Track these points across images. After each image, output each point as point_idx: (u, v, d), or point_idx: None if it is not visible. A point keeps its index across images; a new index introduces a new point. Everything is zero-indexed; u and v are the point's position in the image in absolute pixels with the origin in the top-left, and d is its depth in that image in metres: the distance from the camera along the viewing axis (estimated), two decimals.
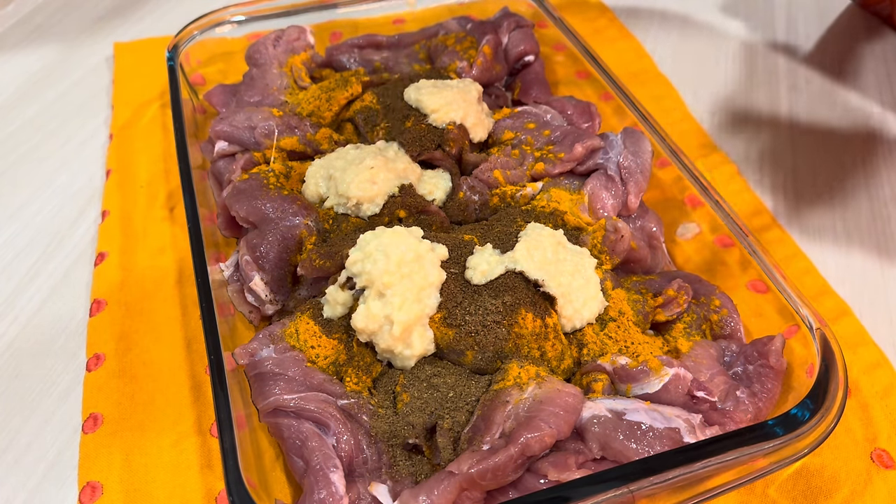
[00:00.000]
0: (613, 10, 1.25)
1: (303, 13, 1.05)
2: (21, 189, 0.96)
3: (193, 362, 0.74)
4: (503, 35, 1.01)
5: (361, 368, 0.66)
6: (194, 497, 0.64)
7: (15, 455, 0.69)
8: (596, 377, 0.64)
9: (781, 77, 1.11)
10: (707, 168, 0.95)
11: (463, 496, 0.55)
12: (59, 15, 1.30)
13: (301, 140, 0.85)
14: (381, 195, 0.76)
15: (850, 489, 0.64)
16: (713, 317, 0.70)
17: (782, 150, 0.99)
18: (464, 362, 0.65)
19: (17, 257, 0.87)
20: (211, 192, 0.86)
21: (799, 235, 0.87)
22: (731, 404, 0.62)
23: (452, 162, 0.84)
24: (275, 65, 0.95)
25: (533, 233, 0.71)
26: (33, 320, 0.80)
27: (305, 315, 0.68)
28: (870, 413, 0.69)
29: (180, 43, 0.98)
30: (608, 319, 0.69)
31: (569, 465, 0.55)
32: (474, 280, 0.67)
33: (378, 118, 0.88)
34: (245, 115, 0.87)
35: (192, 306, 0.79)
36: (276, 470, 0.64)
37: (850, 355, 0.73)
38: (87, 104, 1.09)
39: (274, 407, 0.61)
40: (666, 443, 0.56)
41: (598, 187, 0.78)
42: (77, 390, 0.73)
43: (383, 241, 0.66)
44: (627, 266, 0.77)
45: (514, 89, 1.01)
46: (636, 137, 0.81)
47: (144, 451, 0.67)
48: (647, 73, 1.12)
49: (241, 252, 0.75)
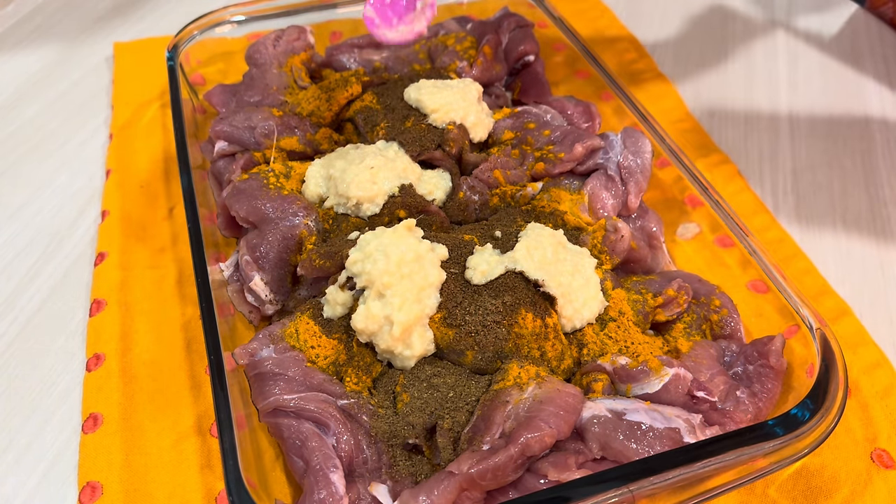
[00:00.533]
0: (613, 10, 1.25)
1: (303, 13, 1.05)
2: (21, 189, 0.96)
3: (193, 362, 0.74)
4: (503, 35, 1.00)
5: (361, 368, 0.66)
6: (194, 497, 0.64)
7: (15, 455, 0.69)
8: (596, 377, 0.64)
9: (781, 77, 1.11)
10: (707, 168, 0.95)
11: (463, 496, 0.55)
12: (59, 15, 1.30)
13: (301, 140, 0.85)
14: (381, 195, 0.76)
15: (850, 489, 0.64)
16: (713, 317, 0.70)
17: (782, 150, 0.99)
18: (464, 362, 0.65)
19: (17, 257, 0.87)
20: (211, 192, 0.86)
21: (799, 235, 0.87)
22: (732, 404, 0.62)
23: (452, 162, 0.84)
24: (275, 65, 0.95)
25: (533, 233, 0.71)
26: (33, 320, 0.80)
27: (305, 315, 0.68)
28: (870, 413, 0.69)
29: (180, 43, 0.98)
30: (608, 319, 0.69)
31: (569, 465, 0.55)
32: (474, 280, 0.67)
33: (378, 118, 0.88)
34: (245, 115, 0.87)
35: (192, 306, 0.79)
36: (276, 470, 0.64)
37: (850, 355, 0.73)
38: (87, 104, 1.09)
39: (274, 407, 0.61)
40: (666, 443, 0.56)
41: (598, 187, 0.78)
42: (77, 390, 0.73)
43: (383, 242, 0.66)
44: (627, 266, 0.77)
45: (514, 89, 1.01)
46: (636, 137, 0.81)
47: (144, 451, 0.67)
48: (647, 73, 1.12)
49: (241, 252, 0.75)
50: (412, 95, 0.87)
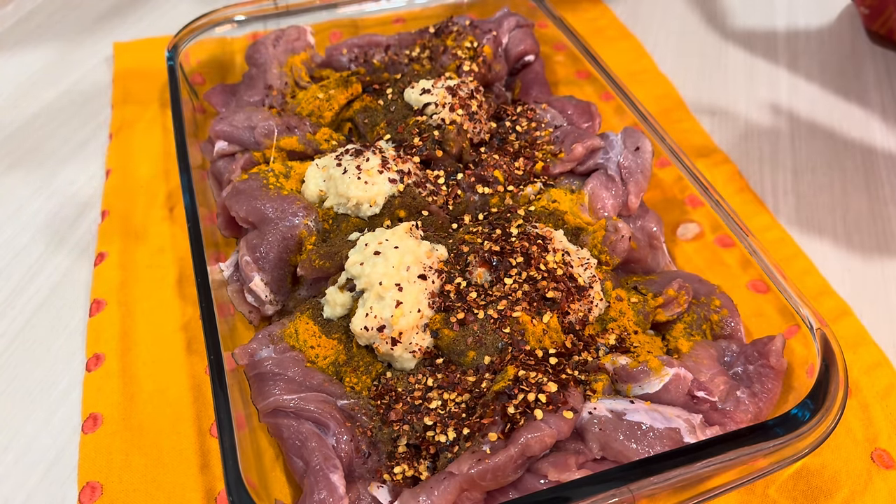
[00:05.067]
0: (613, 10, 1.25)
1: (303, 13, 1.05)
2: (21, 189, 0.96)
3: (193, 362, 0.74)
4: (503, 35, 1.00)
5: (361, 369, 0.66)
6: (194, 497, 0.64)
7: (15, 455, 0.68)
8: (596, 377, 0.64)
9: (781, 77, 1.11)
10: (707, 168, 0.95)
11: (463, 496, 0.55)
12: (59, 15, 1.30)
13: (301, 140, 0.85)
14: (381, 195, 0.76)
15: (851, 489, 0.64)
16: (713, 317, 0.70)
17: (782, 150, 0.99)
18: (464, 362, 0.65)
19: (17, 257, 0.87)
20: (211, 192, 0.86)
21: (799, 235, 0.87)
22: (732, 404, 0.62)
23: (452, 162, 0.84)
24: (275, 65, 0.95)
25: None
26: (33, 320, 0.80)
27: (305, 315, 0.68)
28: (870, 413, 0.69)
29: (180, 43, 0.98)
30: (608, 319, 0.69)
31: (569, 465, 0.55)
32: (474, 280, 0.67)
33: (378, 118, 0.88)
34: (245, 115, 0.87)
35: (192, 306, 0.79)
36: (276, 470, 0.64)
37: (851, 355, 0.73)
38: (87, 104, 1.09)
39: (274, 407, 0.61)
40: (666, 443, 0.56)
41: (598, 187, 0.78)
42: (77, 390, 0.73)
43: (383, 243, 0.66)
44: (627, 266, 0.77)
45: (514, 89, 1.01)
46: (636, 137, 0.81)
47: (144, 452, 0.67)
48: (647, 73, 1.12)
49: (240, 252, 0.75)
50: (412, 95, 0.87)
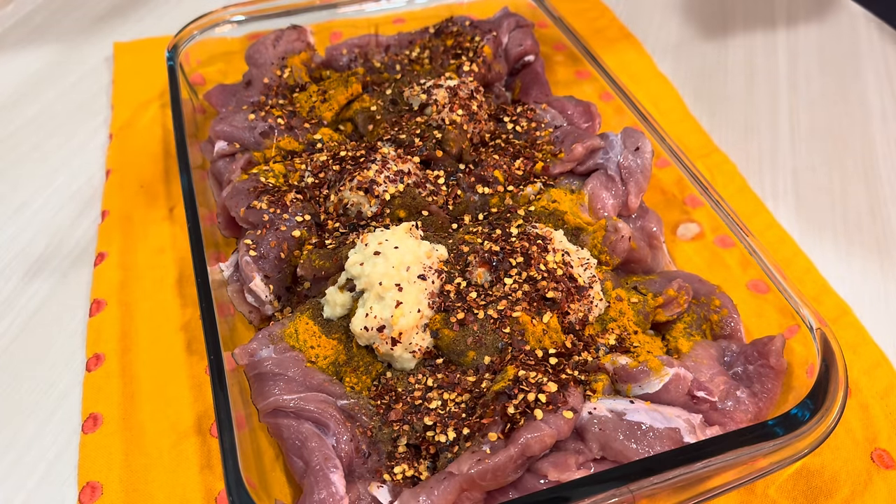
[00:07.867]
0: (613, 10, 1.25)
1: (303, 13, 1.05)
2: (21, 189, 0.96)
3: (193, 362, 0.74)
4: (503, 35, 1.00)
5: (361, 369, 0.66)
6: (194, 497, 0.64)
7: (15, 455, 0.68)
8: (596, 377, 0.64)
9: (781, 77, 1.11)
10: (707, 168, 0.95)
11: (463, 496, 0.55)
12: (59, 15, 1.30)
13: (301, 140, 0.85)
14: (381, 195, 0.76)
15: (851, 489, 0.64)
16: (713, 317, 0.70)
17: (782, 150, 0.99)
18: (464, 362, 0.65)
19: (17, 257, 0.87)
20: (211, 192, 0.86)
21: (799, 235, 0.87)
22: (732, 404, 0.62)
23: (452, 162, 0.84)
24: (275, 65, 0.95)
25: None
26: (33, 320, 0.80)
27: (305, 315, 0.68)
28: (870, 413, 0.69)
29: (180, 43, 0.98)
30: (608, 319, 0.69)
31: (569, 465, 0.55)
32: (474, 280, 0.67)
33: (378, 118, 0.88)
34: (245, 115, 0.87)
35: (192, 306, 0.79)
36: (276, 470, 0.64)
37: (851, 355, 0.73)
38: (87, 104, 1.09)
39: (274, 407, 0.61)
40: (666, 443, 0.56)
41: (598, 187, 0.78)
42: (77, 390, 0.73)
43: (383, 243, 0.66)
44: (627, 266, 0.77)
45: (514, 89, 1.01)
46: (636, 137, 0.81)
47: (144, 451, 0.67)
48: (647, 73, 1.12)
49: (240, 252, 0.75)
50: (412, 96, 0.87)
